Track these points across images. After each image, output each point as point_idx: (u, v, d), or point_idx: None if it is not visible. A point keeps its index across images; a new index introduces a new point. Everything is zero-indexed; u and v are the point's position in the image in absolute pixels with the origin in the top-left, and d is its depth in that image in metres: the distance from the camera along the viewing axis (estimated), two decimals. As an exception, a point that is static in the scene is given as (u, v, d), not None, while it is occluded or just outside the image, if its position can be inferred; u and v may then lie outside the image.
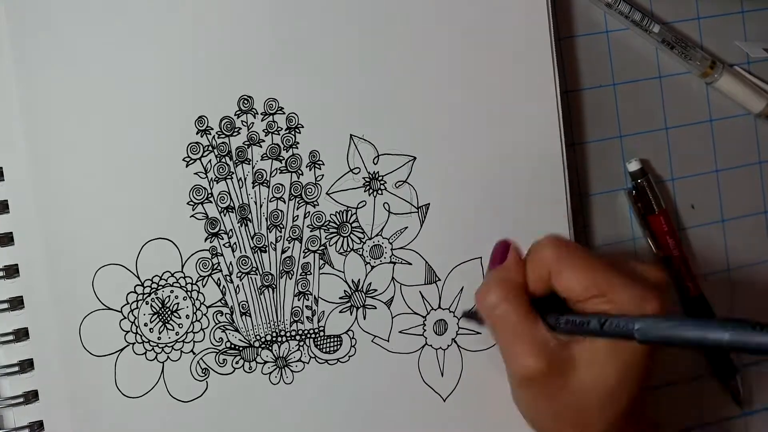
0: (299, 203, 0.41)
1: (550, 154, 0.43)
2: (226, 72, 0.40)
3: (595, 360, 0.34)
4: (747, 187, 0.49)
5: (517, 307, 0.35)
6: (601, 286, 0.34)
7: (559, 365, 0.34)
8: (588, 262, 0.34)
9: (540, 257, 0.35)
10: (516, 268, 0.36)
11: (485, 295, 0.36)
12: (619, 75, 0.47)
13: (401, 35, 0.41)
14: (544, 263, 0.35)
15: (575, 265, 0.34)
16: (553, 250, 0.35)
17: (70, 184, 0.38)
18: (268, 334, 0.40)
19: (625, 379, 0.34)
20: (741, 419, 0.49)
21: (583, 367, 0.34)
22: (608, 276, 0.34)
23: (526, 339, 0.34)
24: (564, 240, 0.36)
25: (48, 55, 0.38)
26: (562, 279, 0.35)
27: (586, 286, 0.34)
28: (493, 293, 0.35)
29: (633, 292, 0.33)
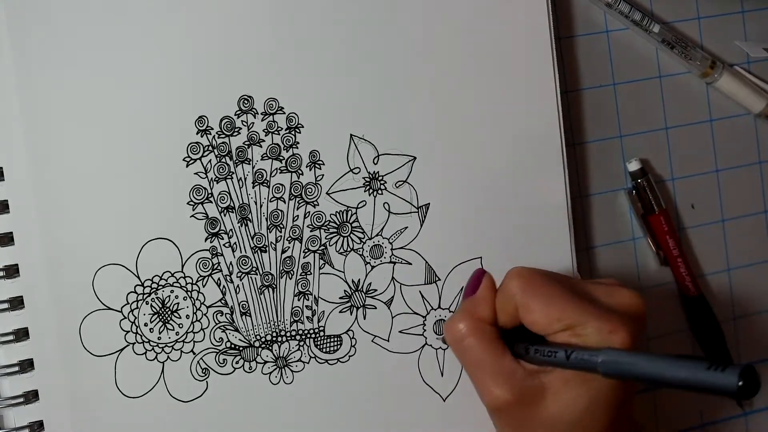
0: (299, 203, 0.41)
1: (550, 154, 0.43)
2: (226, 72, 0.40)
3: (564, 390, 0.33)
4: (747, 187, 0.49)
5: (482, 340, 0.35)
6: (567, 319, 0.33)
7: (527, 395, 0.34)
8: (554, 295, 0.34)
9: (507, 291, 0.35)
10: (485, 300, 0.36)
11: (452, 327, 0.36)
12: (619, 75, 0.47)
13: (401, 35, 0.41)
14: (510, 297, 0.35)
15: (540, 298, 0.34)
16: (518, 284, 0.35)
17: (70, 184, 0.38)
18: (268, 334, 0.40)
19: (595, 409, 0.33)
20: (741, 419, 0.49)
21: (551, 396, 0.34)
22: (575, 309, 0.34)
23: (493, 371, 0.34)
24: (530, 272, 0.35)
25: (48, 55, 0.38)
26: (527, 313, 0.34)
27: (552, 319, 0.34)
28: (461, 325, 0.35)
29: (600, 325, 0.33)
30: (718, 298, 0.48)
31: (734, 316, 0.49)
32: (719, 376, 0.27)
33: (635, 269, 0.47)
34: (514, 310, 0.35)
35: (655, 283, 0.47)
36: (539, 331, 0.34)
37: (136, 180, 0.39)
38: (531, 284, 0.35)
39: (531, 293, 0.34)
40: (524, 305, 0.34)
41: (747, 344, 0.49)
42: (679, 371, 0.29)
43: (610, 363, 0.31)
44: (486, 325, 0.35)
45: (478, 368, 0.35)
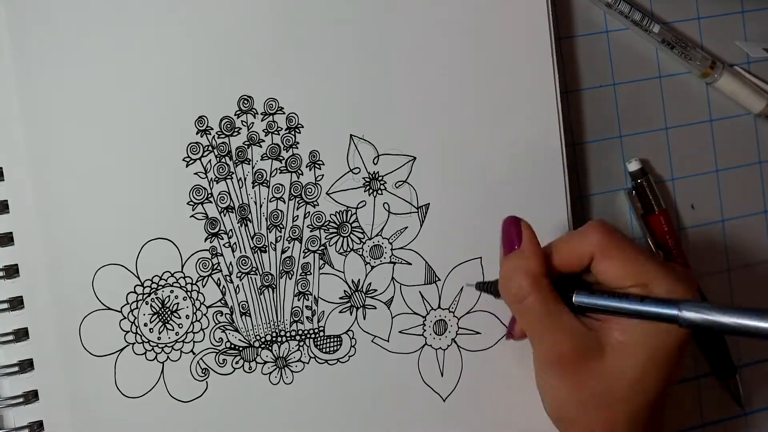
0: (299, 203, 0.41)
1: (550, 154, 0.43)
2: (226, 72, 0.40)
3: (625, 348, 0.34)
4: (747, 187, 0.49)
5: (543, 297, 0.35)
6: (642, 276, 0.34)
7: (587, 351, 0.34)
8: (632, 252, 0.34)
9: (585, 238, 0.35)
10: (535, 252, 0.36)
11: (511, 285, 0.35)
12: (619, 75, 0.47)
13: (401, 35, 0.41)
14: (588, 246, 0.35)
15: (620, 252, 0.34)
16: (600, 235, 0.35)
17: (70, 184, 0.38)
18: (268, 334, 0.40)
19: (655, 370, 0.34)
20: (741, 419, 0.49)
21: (611, 354, 0.34)
22: (650, 267, 0.34)
23: (554, 327, 0.34)
24: (611, 227, 0.35)
25: (48, 55, 0.38)
26: (604, 264, 0.35)
27: (628, 272, 0.34)
28: (518, 283, 0.35)
29: (672, 287, 0.33)
30: (718, 298, 0.48)
31: None
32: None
33: (635, 269, 0.47)
34: (586, 256, 0.35)
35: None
36: (610, 282, 0.34)
37: (136, 180, 0.39)
38: (613, 235, 0.35)
39: (612, 245, 0.34)
40: (603, 257, 0.34)
41: (747, 344, 0.49)
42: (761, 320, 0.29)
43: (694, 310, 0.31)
44: (543, 279, 0.35)
45: (541, 325, 0.35)
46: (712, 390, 0.48)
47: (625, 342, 0.34)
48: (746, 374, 0.48)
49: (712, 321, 0.31)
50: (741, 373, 0.48)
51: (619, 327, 0.34)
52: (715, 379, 0.48)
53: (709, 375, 0.48)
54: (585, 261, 0.35)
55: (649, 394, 0.34)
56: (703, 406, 0.48)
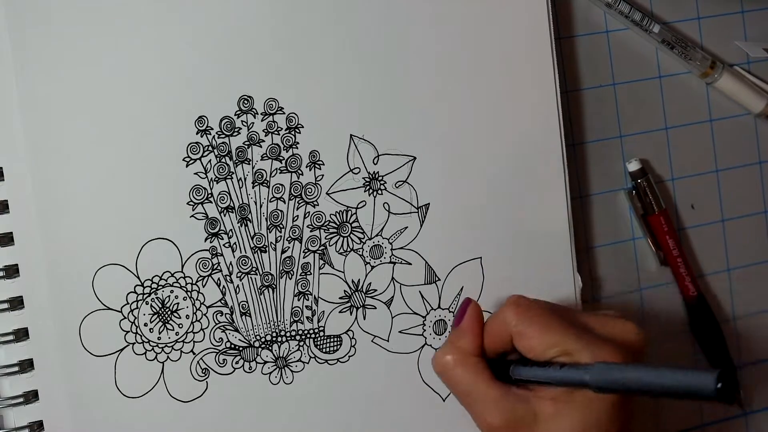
0: (299, 203, 0.41)
1: (550, 154, 0.43)
2: (226, 72, 0.40)
3: (556, 415, 0.34)
4: (747, 187, 0.49)
5: (469, 371, 0.36)
6: (562, 346, 0.34)
7: (519, 421, 0.34)
8: (551, 323, 0.35)
9: (502, 321, 0.36)
10: (471, 331, 0.37)
11: (440, 359, 0.37)
12: (619, 75, 0.47)
13: (401, 35, 0.41)
14: (506, 327, 0.36)
15: (537, 327, 0.35)
16: (515, 311, 0.35)
17: (70, 184, 0.38)
18: (268, 334, 0.40)
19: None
20: (741, 419, 0.49)
21: (543, 423, 0.34)
22: (570, 336, 0.34)
23: (483, 399, 0.35)
24: (525, 300, 0.36)
25: (48, 55, 0.38)
26: (523, 341, 0.35)
27: (548, 346, 0.34)
28: (448, 357, 0.36)
29: (595, 353, 0.33)
30: (718, 298, 0.48)
31: (734, 316, 0.49)
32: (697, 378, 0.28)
33: (635, 269, 0.47)
34: (509, 338, 0.36)
35: (655, 283, 0.47)
36: (534, 356, 0.35)
37: (136, 180, 0.39)
38: (528, 312, 0.35)
39: (528, 320, 0.35)
40: (520, 332, 0.35)
41: (747, 344, 0.49)
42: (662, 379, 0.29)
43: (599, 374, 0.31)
44: (470, 356, 0.36)
45: (467, 397, 0.36)
46: (712, 390, 0.48)
47: (556, 411, 0.34)
48: (746, 374, 0.48)
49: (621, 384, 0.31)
50: (741, 373, 0.48)
51: (550, 396, 0.34)
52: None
53: (709, 375, 0.48)
54: (508, 342, 0.36)
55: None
56: (703, 406, 0.48)
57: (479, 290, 0.42)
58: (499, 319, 0.36)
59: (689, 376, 0.28)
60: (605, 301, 0.46)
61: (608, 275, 0.47)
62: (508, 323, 0.36)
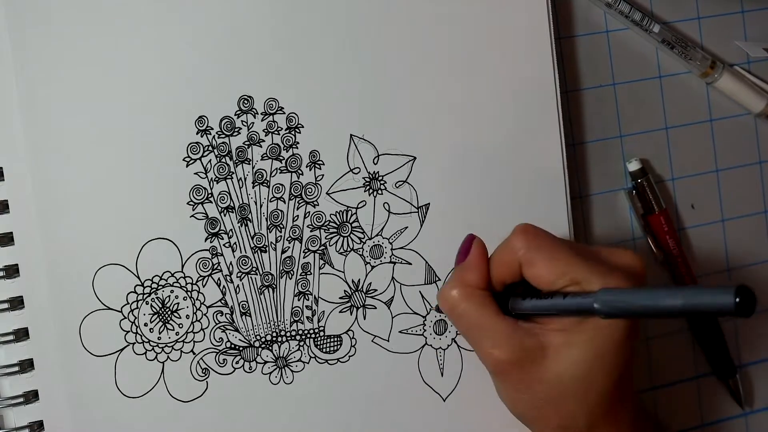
0: (299, 203, 0.41)
1: (550, 154, 0.43)
2: (226, 72, 0.40)
3: (564, 347, 0.33)
4: (747, 187, 0.49)
5: (476, 304, 0.35)
6: (571, 274, 0.33)
7: (527, 354, 0.34)
8: (558, 252, 0.34)
9: (510, 248, 0.35)
10: (477, 265, 0.36)
11: (445, 295, 0.36)
12: (619, 75, 0.47)
13: (401, 35, 0.41)
14: (514, 254, 0.35)
15: (545, 254, 0.34)
16: (523, 241, 0.35)
17: (70, 184, 0.38)
18: (268, 334, 0.40)
19: (599, 365, 0.33)
20: (741, 419, 0.49)
21: (553, 354, 0.34)
22: (579, 265, 0.34)
23: (490, 332, 0.34)
24: (534, 229, 0.35)
25: (48, 55, 0.38)
26: (532, 269, 0.35)
27: (557, 275, 0.34)
28: (454, 292, 0.36)
29: (604, 280, 0.33)
30: (718, 298, 0.48)
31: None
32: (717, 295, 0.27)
33: (635, 269, 0.47)
34: (517, 266, 0.35)
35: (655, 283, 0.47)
36: (542, 285, 0.34)
37: (136, 180, 0.39)
38: (536, 240, 0.35)
39: (536, 248, 0.34)
40: (529, 260, 0.34)
41: (747, 344, 0.49)
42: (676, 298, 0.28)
43: (607, 300, 0.31)
44: (478, 290, 0.35)
45: (475, 332, 0.35)
46: (712, 390, 0.48)
47: (565, 342, 0.34)
48: (746, 374, 0.48)
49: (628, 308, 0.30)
50: (741, 373, 0.48)
51: (558, 328, 0.34)
52: (715, 379, 0.48)
53: (709, 375, 0.48)
54: (516, 270, 0.35)
55: (598, 388, 0.34)
56: (703, 406, 0.48)
57: (479, 290, 0.42)
58: (507, 247, 0.35)
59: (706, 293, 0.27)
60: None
61: (608, 275, 0.46)
62: (517, 250, 0.35)
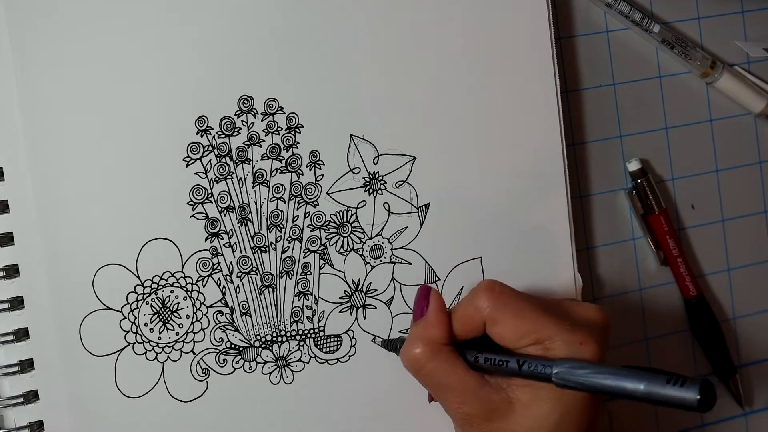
0: (299, 203, 0.41)
1: (550, 154, 0.43)
2: (226, 72, 0.40)
3: (534, 401, 0.33)
4: (747, 187, 0.49)
5: (443, 362, 0.35)
6: (535, 334, 0.33)
7: (495, 409, 0.34)
8: (524, 310, 0.34)
9: (475, 306, 0.35)
10: (438, 321, 0.36)
11: (411, 355, 0.35)
12: (619, 75, 0.47)
13: (401, 35, 0.41)
14: (479, 312, 0.35)
15: (510, 314, 0.34)
16: (488, 299, 0.35)
17: (70, 184, 0.38)
18: (268, 334, 0.40)
19: (567, 421, 0.33)
20: (741, 419, 0.49)
21: (520, 409, 0.34)
22: (544, 323, 0.34)
23: (458, 390, 0.34)
24: (500, 287, 0.35)
25: (48, 55, 0.38)
26: (496, 327, 0.34)
27: (521, 334, 0.34)
28: (417, 351, 0.35)
29: (569, 338, 0.33)
30: (718, 298, 0.48)
31: (734, 316, 0.49)
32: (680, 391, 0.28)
33: (635, 269, 0.47)
34: (481, 323, 0.35)
35: (655, 283, 0.47)
36: (507, 345, 0.34)
37: (136, 180, 0.39)
38: (501, 298, 0.35)
39: (501, 307, 0.34)
40: (493, 319, 0.34)
41: (747, 344, 0.49)
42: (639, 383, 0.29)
43: (566, 374, 0.31)
44: (442, 346, 0.35)
45: (443, 389, 0.35)
46: (712, 390, 0.48)
47: (533, 398, 0.33)
48: (746, 374, 0.48)
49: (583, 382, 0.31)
50: (741, 373, 0.48)
51: (524, 384, 0.34)
52: (715, 379, 0.48)
53: (709, 375, 0.48)
54: (480, 327, 0.35)
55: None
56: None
57: (479, 290, 0.42)
58: (471, 305, 0.35)
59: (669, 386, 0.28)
60: (605, 301, 0.46)
61: (608, 275, 0.46)
62: (481, 309, 0.35)
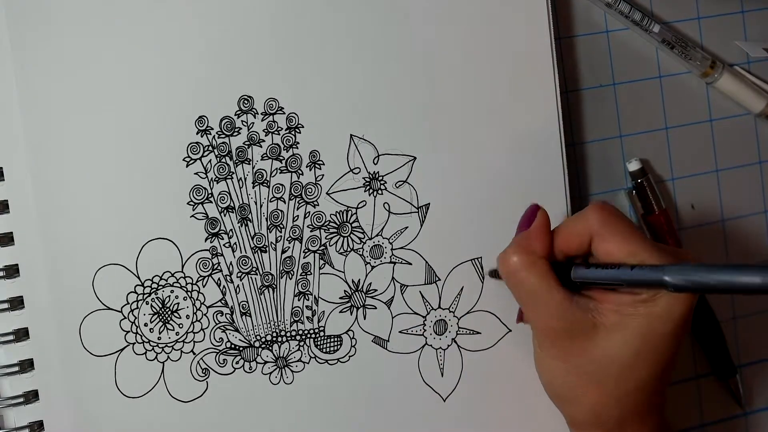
0: (299, 203, 0.41)
1: (550, 154, 0.43)
2: (226, 72, 0.40)
3: (618, 326, 0.34)
4: (747, 187, 0.49)
5: (536, 273, 0.35)
6: (640, 254, 0.34)
7: (579, 327, 0.34)
8: (631, 233, 0.35)
9: (585, 220, 0.36)
10: (540, 235, 0.36)
11: (506, 260, 0.36)
12: (619, 75, 0.47)
13: (401, 35, 0.41)
14: (588, 226, 0.35)
15: (619, 231, 0.35)
16: (599, 215, 0.35)
17: (70, 184, 0.38)
18: (268, 334, 0.40)
19: (646, 351, 0.34)
20: (741, 419, 0.49)
21: (604, 332, 0.34)
22: (649, 248, 0.34)
23: (545, 301, 0.35)
24: (610, 207, 0.36)
25: (48, 55, 0.38)
26: (604, 243, 0.35)
27: (627, 253, 0.34)
28: (515, 258, 0.36)
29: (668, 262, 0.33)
30: (718, 298, 0.48)
31: (734, 316, 0.49)
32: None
33: (635, 269, 0.47)
34: (588, 238, 0.35)
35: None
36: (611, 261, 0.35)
37: (136, 180, 0.39)
38: (611, 217, 0.35)
39: (612, 225, 0.35)
40: (602, 234, 0.35)
41: (747, 344, 0.49)
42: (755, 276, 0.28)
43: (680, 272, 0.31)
44: (538, 259, 0.36)
45: (531, 299, 0.36)
46: (712, 390, 0.48)
47: (618, 323, 0.34)
48: (746, 374, 0.48)
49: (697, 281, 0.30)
50: (741, 373, 0.48)
51: (614, 308, 0.34)
52: (715, 379, 0.48)
53: (709, 375, 0.48)
54: (585, 242, 0.36)
55: (641, 375, 0.34)
56: (703, 406, 0.48)
57: (479, 290, 0.42)
58: (582, 219, 0.36)
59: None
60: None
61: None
62: (591, 224, 0.35)
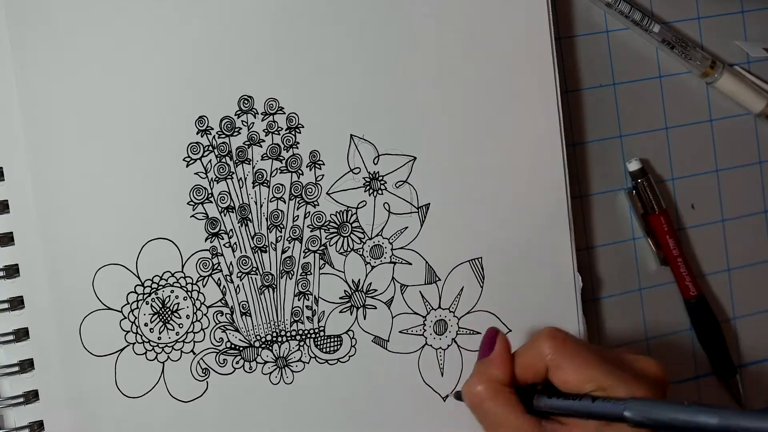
0: (299, 203, 0.41)
1: (550, 154, 0.43)
2: (226, 72, 0.40)
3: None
4: (747, 187, 0.49)
5: (501, 403, 0.35)
6: (598, 381, 0.34)
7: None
8: (585, 358, 0.35)
9: (537, 352, 0.36)
10: (502, 362, 0.36)
11: (470, 390, 0.36)
12: (619, 75, 0.47)
13: (401, 35, 0.41)
14: (541, 358, 0.35)
15: (573, 360, 0.35)
16: (551, 346, 0.35)
17: (70, 184, 0.38)
18: (268, 334, 0.40)
19: None
20: (741, 419, 0.49)
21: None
22: (605, 371, 0.34)
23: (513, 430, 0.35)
24: (563, 333, 0.36)
25: (48, 55, 0.38)
26: (559, 373, 0.35)
27: (584, 380, 0.34)
28: (479, 388, 0.36)
29: (630, 390, 0.33)
30: (718, 298, 0.48)
31: (734, 316, 0.49)
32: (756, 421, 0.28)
33: (635, 269, 0.47)
34: (543, 369, 0.35)
35: (655, 283, 0.47)
36: (569, 389, 0.35)
37: (136, 180, 0.39)
38: (564, 345, 0.35)
39: (563, 353, 0.35)
40: (557, 365, 0.35)
41: (747, 344, 0.49)
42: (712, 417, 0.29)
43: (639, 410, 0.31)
44: (503, 387, 0.36)
45: (498, 428, 0.35)
46: (712, 390, 0.48)
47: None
48: (746, 374, 0.48)
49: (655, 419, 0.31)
50: (741, 373, 0.48)
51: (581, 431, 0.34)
52: (715, 379, 0.48)
53: (709, 375, 0.48)
54: (541, 372, 0.36)
55: None
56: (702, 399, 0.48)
57: (479, 290, 0.42)
58: (533, 350, 0.36)
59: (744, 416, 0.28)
60: (605, 301, 0.46)
61: (608, 275, 0.47)
62: (544, 355, 0.35)
